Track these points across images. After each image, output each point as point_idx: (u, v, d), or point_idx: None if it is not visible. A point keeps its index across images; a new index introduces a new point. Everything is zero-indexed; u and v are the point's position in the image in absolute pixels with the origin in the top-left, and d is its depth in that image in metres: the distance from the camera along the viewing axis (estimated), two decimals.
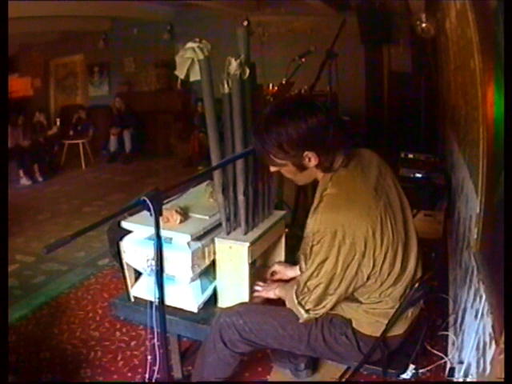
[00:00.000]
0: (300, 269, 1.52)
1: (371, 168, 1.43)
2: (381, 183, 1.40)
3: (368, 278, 1.35)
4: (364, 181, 1.37)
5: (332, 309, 1.44)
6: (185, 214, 1.63)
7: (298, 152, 1.31)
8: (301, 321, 1.45)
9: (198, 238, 1.57)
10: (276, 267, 1.81)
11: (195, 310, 1.63)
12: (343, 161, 1.37)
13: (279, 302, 1.58)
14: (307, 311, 1.41)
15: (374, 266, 1.32)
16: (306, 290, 1.39)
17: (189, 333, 1.69)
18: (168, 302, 1.50)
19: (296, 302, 1.42)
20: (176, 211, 1.59)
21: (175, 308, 1.63)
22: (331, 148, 1.33)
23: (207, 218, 1.65)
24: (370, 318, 1.43)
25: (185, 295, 1.64)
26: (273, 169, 1.42)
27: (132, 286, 1.72)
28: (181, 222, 1.59)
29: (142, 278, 1.72)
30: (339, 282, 1.33)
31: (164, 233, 1.42)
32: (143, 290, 1.69)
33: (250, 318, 1.50)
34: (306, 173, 1.38)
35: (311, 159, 1.32)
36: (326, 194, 1.34)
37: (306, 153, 1.31)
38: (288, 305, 1.49)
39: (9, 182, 3.02)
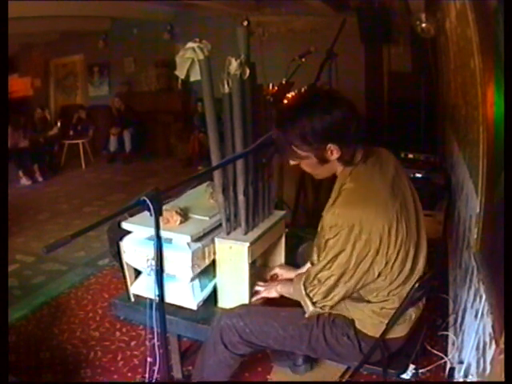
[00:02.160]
0: (311, 261, 1.51)
1: (389, 167, 1.44)
2: (397, 183, 1.40)
3: (379, 275, 1.35)
4: (382, 178, 1.38)
5: (335, 308, 1.44)
6: (185, 214, 1.63)
7: (321, 144, 1.31)
8: (307, 315, 1.45)
9: (198, 239, 1.56)
10: (278, 270, 1.81)
11: (194, 308, 1.63)
12: (363, 156, 1.38)
13: (280, 303, 1.59)
14: (314, 303, 1.41)
15: (386, 263, 1.33)
16: (316, 281, 1.39)
17: (189, 333, 1.69)
18: (167, 299, 1.49)
19: (304, 293, 1.42)
20: (176, 212, 1.58)
21: (175, 306, 1.63)
22: (353, 141, 1.33)
23: (207, 218, 1.65)
24: (375, 319, 1.43)
25: (184, 293, 1.64)
26: (292, 162, 1.41)
27: (132, 285, 1.72)
28: (181, 222, 1.59)
29: (141, 276, 1.72)
30: (350, 276, 1.33)
31: (164, 234, 1.41)
32: (143, 287, 1.69)
33: (250, 319, 1.50)
34: (327, 166, 1.38)
35: (333, 152, 1.32)
36: (344, 188, 1.34)
37: (329, 145, 1.31)
38: (295, 297, 1.48)
39: (9, 182, 3.01)
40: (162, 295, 1.30)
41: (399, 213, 1.32)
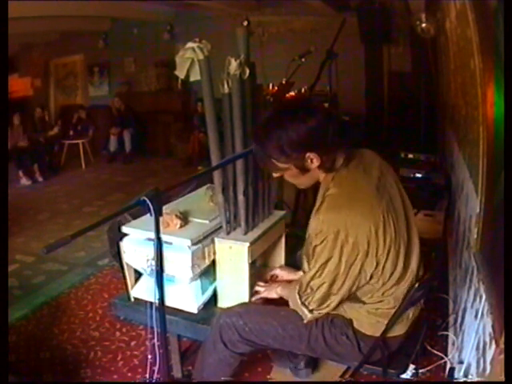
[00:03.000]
0: (303, 269, 1.51)
1: (372, 168, 1.43)
2: (382, 183, 1.40)
3: (371, 277, 1.35)
4: (366, 180, 1.38)
5: (333, 309, 1.44)
6: (185, 218, 1.63)
7: (299, 154, 1.32)
8: (305, 321, 1.45)
9: (198, 242, 1.56)
10: (278, 271, 1.80)
11: (195, 311, 1.63)
12: (344, 160, 1.37)
13: (280, 302, 1.58)
14: (311, 311, 1.42)
15: (376, 264, 1.33)
16: (309, 290, 1.39)
17: (189, 333, 1.69)
18: (168, 302, 1.49)
19: (299, 302, 1.42)
20: (176, 216, 1.58)
21: (175, 309, 1.62)
22: (332, 148, 1.33)
23: (207, 222, 1.65)
24: (371, 319, 1.44)
25: (185, 296, 1.64)
26: (275, 175, 1.43)
27: (132, 287, 1.72)
28: (181, 226, 1.59)
29: (142, 280, 1.72)
30: (342, 281, 1.33)
31: (164, 238, 1.41)
32: (143, 291, 1.69)
33: (250, 318, 1.50)
34: (309, 175, 1.38)
35: (313, 160, 1.33)
36: (328, 194, 1.34)
37: (308, 154, 1.31)
38: (291, 306, 1.49)
39: (9, 182, 3.01)
40: (162, 296, 1.30)
41: (386, 213, 1.32)
